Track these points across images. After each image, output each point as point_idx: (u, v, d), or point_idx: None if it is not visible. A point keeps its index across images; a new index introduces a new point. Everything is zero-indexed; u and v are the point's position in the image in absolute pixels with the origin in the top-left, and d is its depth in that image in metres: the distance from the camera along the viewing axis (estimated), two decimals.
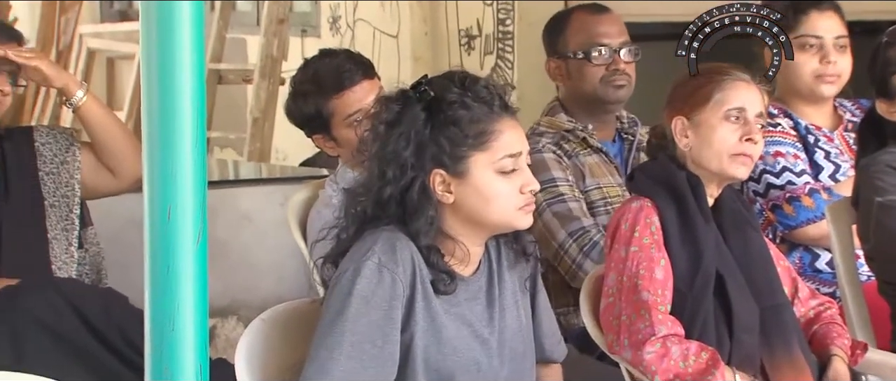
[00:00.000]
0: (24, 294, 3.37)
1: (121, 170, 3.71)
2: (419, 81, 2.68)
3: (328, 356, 2.54)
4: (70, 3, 8.56)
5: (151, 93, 2.02)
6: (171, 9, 2.00)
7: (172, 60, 2.01)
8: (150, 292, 2.04)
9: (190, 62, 2.02)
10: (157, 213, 2.02)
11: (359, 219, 2.66)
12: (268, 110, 7.35)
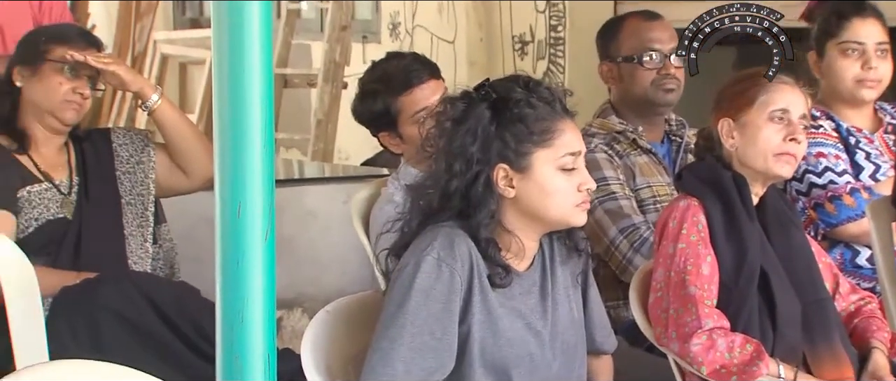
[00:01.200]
0: (102, 287, 3.40)
1: (193, 169, 3.73)
2: (482, 84, 2.69)
3: (390, 346, 2.54)
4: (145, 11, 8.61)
5: (223, 96, 2.03)
6: (242, 16, 2.00)
7: (242, 66, 2.01)
8: (221, 286, 2.05)
9: (259, 67, 2.03)
10: (227, 210, 2.03)
11: (423, 212, 2.67)
12: (331, 112, 7.37)
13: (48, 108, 3.61)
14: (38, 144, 3.64)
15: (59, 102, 3.59)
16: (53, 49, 3.61)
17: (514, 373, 2.62)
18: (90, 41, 3.70)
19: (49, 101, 3.60)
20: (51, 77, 3.60)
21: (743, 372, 2.89)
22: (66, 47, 3.60)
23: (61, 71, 3.59)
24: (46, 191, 3.59)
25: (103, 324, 3.34)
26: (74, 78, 3.60)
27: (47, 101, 3.60)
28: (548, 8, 7.07)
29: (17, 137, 3.62)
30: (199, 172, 3.71)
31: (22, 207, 3.55)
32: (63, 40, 3.63)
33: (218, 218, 2.03)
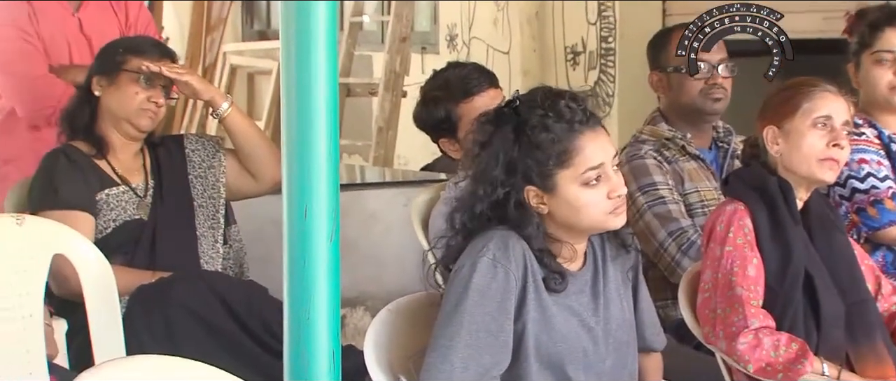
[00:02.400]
0: (176, 286, 3.41)
1: (261, 174, 3.74)
2: (511, 100, 2.67)
3: (448, 344, 2.54)
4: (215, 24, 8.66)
5: (290, 105, 2.04)
6: (308, 29, 2.01)
7: (309, 76, 2.02)
8: (288, 285, 2.05)
9: (324, 77, 2.03)
10: (294, 212, 2.04)
11: (461, 231, 2.66)
12: (391, 120, 7.39)
13: (125, 115, 3.63)
14: (115, 150, 3.66)
15: (135, 110, 3.62)
16: (129, 60, 3.63)
17: (569, 369, 2.62)
18: (164, 52, 3.72)
19: (125, 109, 3.62)
20: (127, 87, 3.62)
21: (788, 370, 2.87)
22: (142, 58, 3.62)
23: (137, 81, 3.61)
24: (123, 194, 3.62)
25: (177, 321, 3.36)
26: (149, 87, 3.62)
27: (124, 109, 3.63)
28: (599, 20, 7.05)
29: (95, 142, 3.65)
30: (267, 175, 3.73)
31: (100, 209, 3.58)
32: (138, 52, 3.65)
33: (285, 220, 2.04)
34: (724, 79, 3.74)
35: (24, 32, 4.26)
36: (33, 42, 4.26)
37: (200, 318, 3.38)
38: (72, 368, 3.26)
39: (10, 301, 3.04)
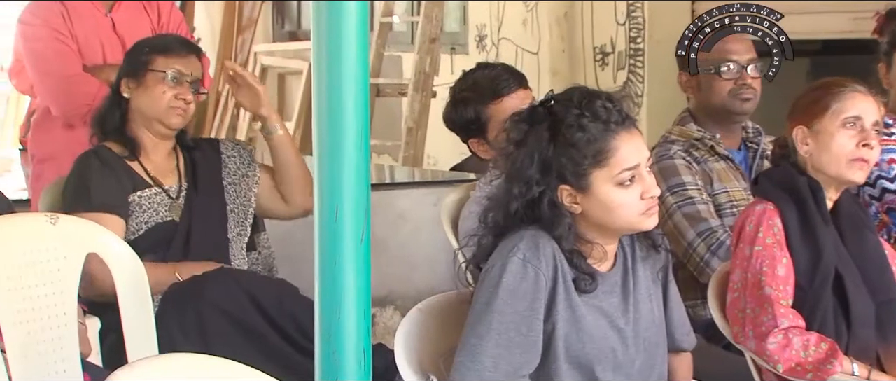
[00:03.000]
0: (208, 285, 3.42)
1: (293, 199, 3.76)
2: (546, 99, 2.66)
3: (478, 342, 2.54)
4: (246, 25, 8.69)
5: (321, 105, 2.04)
6: (339, 30, 2.01)
7: (340, 76, 2.02)
8: (319, 284, 2.05)
9: (355, 78, 2.03)
10: (325, 212, 2.04)
11: (492, 230, 2.66)
12: (421, 120, 7.40)
13: (154, 115, 3.64)
14: (147, 151, 3.67)
15: (165, 109, 3.63)
16: (155, 59, 3.64)
17: (598, 369, 2.61)
18: (191, 49, 3.73)
19: (155, 108, 3.63)
20: (155, 87, 3.63)
21: (818, 370, 2.86)
22: (168, 58, 3.63)
23: (163, 80, 3.62)
24: (156, 195, 3.63)
25: (209, 320, 3.37)
26: (177, 85, 3.63)
27: (153, 109, 3.64)
28: (628, 20, 7.04)
29: (128, 144, 3.66)
30: (299, 202, 3.75)
31: (133, 210, 3.59)
32: (164, 51, 3.66)
33: (317, 220, 2.05)
34: (753, 79, 3.73)
35: (58, 32, 4.28)
36: (67, 42, 4.28)
37: (232, 317, 3.39)
38: (105, 366, 3.27)
39: (44, 300, 3.05)
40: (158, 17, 4.43)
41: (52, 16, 4.30)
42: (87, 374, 3.10)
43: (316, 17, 2.03)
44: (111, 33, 4.34)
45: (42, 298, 3.05)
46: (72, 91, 4.24)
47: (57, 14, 4.30)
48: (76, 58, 4.28)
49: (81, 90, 4.21)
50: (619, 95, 2.70)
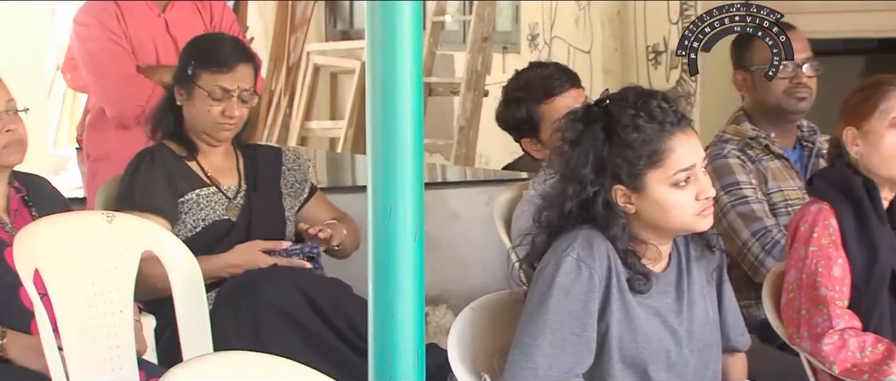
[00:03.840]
0: (262, 283, 3.44)
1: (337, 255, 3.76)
2: (601, 98, 2.65)
3: (531, 342, 2.54)
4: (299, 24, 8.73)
5: (375, 105, 2.04)
6: (394, 30, 2.01)
7: (394, 76, 2.02)
8: (373, 283, 2.06)
9: (409, 77, 2.04)
10: (379, 211, 2.04)
11: (546, 229, 2.65)
12: (473, 119, 7.40)
13: (202, 128, 3.65)
14: (205, 152, 3.69)
15: (212, 124, 3.63)
16: (201, 76, 3.62)
17: (652, 369, 2.60)
18: (239, 58, 3.68)
19: (202, 123, 3.64)
20: (201, 103, 3.62)
21: (874, 371, 2.83)
22: (214, 74, 3.60)
23: (207, 98, 3.60)
24: (213, 195, 3.64)
25: (263, 318, 3.38)
26: (223, 100, 3.60)
27: (201, 123, 3.64)
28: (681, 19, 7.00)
29: (186, 145, 3.67)
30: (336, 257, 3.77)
31: (190, 208, 3.61)
32: (210, 66, 3.62)
33: (370, 219, 2.05)
34: (808, 78, 3.70)
35: (112, 33, 4.30)
36: (121, 43, 4.30)
37: (286, 315, 3.40)
38: (160, 363, 3.29)
39: (100, 298, 3.08)
40: (211, 18, 4.45)
41: (106, 16, 4.32)
42: (143, 371, 3.12)
43: (370, 17, 2.03)
44: (164, 34, 4.36)
45: (98, 295, 3.07)
46: (125, 92, 4.26)
47: (111, 14, 4.32)
48: (130, 59, 4.30)
49: (135, 91, 4.23)
50: (674, 94, 2.68)
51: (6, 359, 3.13)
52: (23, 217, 3.30)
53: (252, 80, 3.68)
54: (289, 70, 8.67)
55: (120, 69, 4.27)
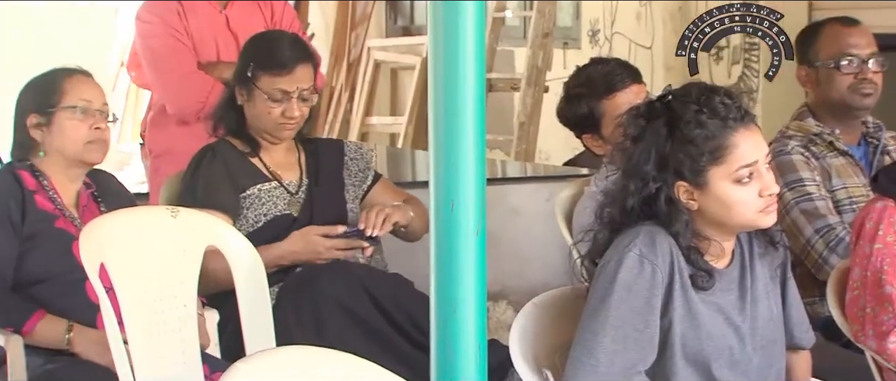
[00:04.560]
0: (324, 277, 3.45)
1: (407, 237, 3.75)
2: (663, 94, 2.64)
3: (593, 338, 2.53)
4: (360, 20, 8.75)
5: (438, 101, 2.04)
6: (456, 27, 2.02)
7: (456, 73, 2.03)
8: (435, 279, 2.06)
9: (472, 72, 2.04)
10: (441, 207, 2.04)
11: (608, 225, 2.65)
12: (533, 115, 7.39)
13: (263, 128, 3.67)
14: (267, 148, 3.71)
15: (272, 125, 3.65)
16: (260, 78, 3.63)
17: (715, 366, 2.59)
18: (298, 57, 3.67)
19: (263, 123, 3.66)
20: (261, 105, 3.63)
21: None
22: (272, 76, 3.61)
23: (266, 100, 3.62)
24: (275, 189, 3.66)
25: (325, 312, 3.39)
26: (283, 102, 3.62)
27: (262, 123, 3.66)
28: None
29: (247, 141, 3.69)
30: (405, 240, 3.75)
31: (252, 203, 3.63)
32: (268, 68, 3.63)
33: (432, 214, 2.05)
34: (874, 73, 3.67)
35: (173, 30, 4.33)
36: (183, 39, 4.33)
37: (348, 310, 3.41)
38: (223, 357, 3.32)
39: (165, 292, 3.10)
40: (271, 14, 4.46)
41: (168, 13, 4.35)
42: (206, 365, 3.15)
43: (433, 15, 2.04)
44: (225, 30, 4.38)
45: (163, 290, 3.10)
46: (186, 89, 4.29)
47: (173, 12, 4.35)
48: (191, 55, 4.33)
49: (195, 88, 4.26)
50: (736, 90, 2.67)
51: (72, 353, 3.18)
52: (91, 212, 3.35)
53: (311, 79, 3.69)
54: (349, 66, 8.69)
55: (180, 66, 4.30)
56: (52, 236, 3.27)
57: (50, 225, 3.28)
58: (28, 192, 3.30)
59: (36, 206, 3.29)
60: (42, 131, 3.34)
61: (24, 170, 3.34)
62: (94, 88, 3.40)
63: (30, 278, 3.24)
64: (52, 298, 3.22)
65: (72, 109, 3.32)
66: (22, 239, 3.24)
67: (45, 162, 3.35)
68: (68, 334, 3.18)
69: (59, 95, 3.34)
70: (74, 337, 3.17)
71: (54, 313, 3.20)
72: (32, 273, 3.24)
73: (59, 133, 3.33)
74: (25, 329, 3.16)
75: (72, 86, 3.36)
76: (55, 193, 3.33)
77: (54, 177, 3.35)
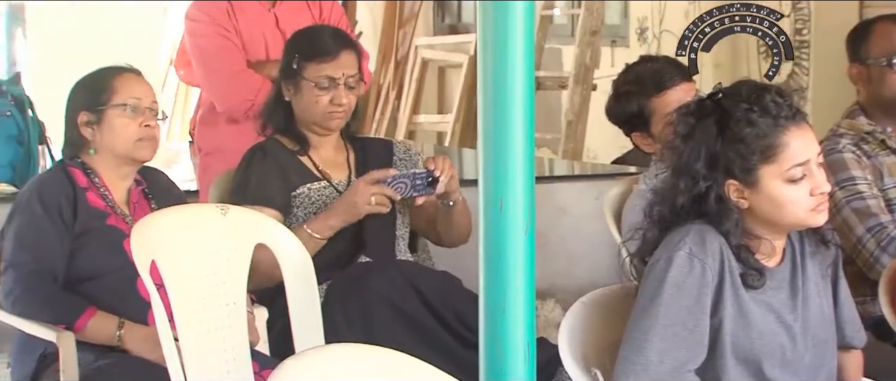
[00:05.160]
0: (373, 275, 3.45)
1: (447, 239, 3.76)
2: (713, 92, 2.63)
3: (642, 337, 2.52)
4: (407, 18, 8.76)
5: (487, 100, 2.05)
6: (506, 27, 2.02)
7: (505, 72, 2.03)
8: (484, 277, 2.06)
9: (521, 71, 2.04)
10: (490, 205, 2.04)
11: (658, 224, 2.64)
12: (581, 113, 7.37)
13: (313, 120, 3.68)
14: (316, 146, 3.72)
15: (321, 114, 3.66)
16: (305, 67, 3.65)
17: (766, 365, 2.58)
18: (341, 45, 3.70)
19: (312, 114, 3.67)
20: (308, 94, 3.66)
21: None
22: (318, 64, 3.64)
23: (314, 88, 3.64)
24: (324, 189, 3.67)
25: (374, 310, 3.39)
26: (330, 89, 3.64)
27: (311, 115, 3.67)
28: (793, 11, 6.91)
29: (296, 139, 3.71)
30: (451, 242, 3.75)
31: (302, 202, 3.64)
32: (313, 57, 3.66)
33: (481, 213, 2.05)
34: None
35: (223, 29, 4.35)
36: (232, 38, 4.35)
37: (396, 307, 3.41)
38: (271, 355, 3.33)
39: (215, 289, 3.11)
40: (320, 13, 4.48)
41: (217, 12, 4.37)
42: (256, 362, 3.16)
43: (483, 14, 2.04)
44: (274, 29, 4.40)
45: (213, 287, 3.11)
46: (235, 87, 4.31)
47: (222, 11, 4.37)
48: (240, 54, 4.35)
49: (244, 86, 4.28)
50: (787, 88, 2.66)
51: (123, 349, 3.20)
52: (142, 209, 3.38)
53: (356, 66, 3.71)
54: (397, 64, 8.71)
55: (229, 64, 4.32)
56: (104, 233, 3.30)
57: (101, 222, 3.31)
58: (79, 189, 3.33)
59: (87, 203, 3.32)
60: (92, 129, 3.37)
61: (75, 167, 3.38)
62: (143, 86, 3.43)
63: (81, 274, 3.27)
64: (103, 295, 3.25)
65: (122, 106, 3.35)
66: (73, 236, 3.28)
67: (95, 160, 3.38)
68: (120, 330, 3.20)
69: (109, 94, 3.37)
70: (126, 334, 3.20)
71: (105, 310, 3.22)
72: (84, 270, 3.27)
73: (109, 131, 3.36)
74: (77, 326, 3.18)
75: (122, 84, 3.39)
76: (106, 190, 3.36)
77: (105, 174, 3.38)
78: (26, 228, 3.27)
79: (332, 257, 3.56)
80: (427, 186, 3.53)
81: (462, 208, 3.68)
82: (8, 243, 3.29)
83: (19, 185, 4.30)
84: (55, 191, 3.31)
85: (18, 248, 3.26)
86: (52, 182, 3.34)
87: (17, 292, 3.23)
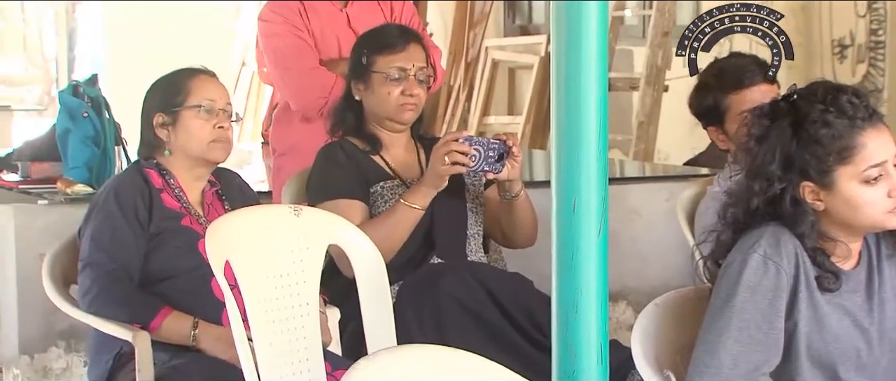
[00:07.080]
0: (445, 276, 3.46)
1: (512, 239, 3.73)
2: (788, 93, 2.61)
3: (717, 339, 2.51)
4: (478, 19, 8.75)
5: (560, 98, 2.04)
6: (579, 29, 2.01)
7: (579, 74, 2.02)
8: (556, 278, 2.05)
9: (595, 71, 2.03)
10: (563, 206, 2.04)
11: (732, 226, 2.62)
12: (652, 114, 7.33)
13: (386, 115, 3.69)
14: (387, 146, 3.73)
15: (394, 108, 3.67)
16: (375, 60, 3.67)
17: (841, 369, 2.55)
18: (408, 38, 3.72)
19: (385, 108, 3.68)
20: (379, 88, 3.67)
21: None
22: (387, 56, 3.65)
23: (387, 80, 3.65)
24: (397, 187, 3.67)
25: (446, 312, 3.39)
26: (402, 82, 3.65)
27: (383, 109, 3.68)
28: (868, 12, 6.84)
29: (368, 140, 3.72)
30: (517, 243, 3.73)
31: (375, 200, 3.65)
32: (381, 49, 3.67)
33: (554, 214, 2.05)
34: None
35: (296, 29, 4.38)
36: (305, 38, 4.38)
37: (467, 309, 3.41)
38: (344, 355, 3.34)
39: (288, 290, 3.13)
40: (391, 12, 4.50)
41: (289, 12, 4.40)
42: (328, 362, 3.17)
43: (556, 15, 2.03)
44: (346, 28, 4.42)
45: (286, 287, 3.12)
46: (308, 85, 4.34)
47: (295, 11, 4.40)
48: (313, 53, 4.38)
49: (317, 84, 4.30)
50: (863, 89, 2.63)
51: (198, 349, 3.23)
52: (216, 210, 3.41)
53: (425, 59, 3.72)
54: (467, 65, 8.71)
55: (303, 63, 4.35)
56: (178, 233, 3.33)
57: (176, 223, 3.35)
58: (155, 190, 3.37)
59: (162, 204, 3.36)
60: (167, 131, 3.40)
61: (150, 168, 3.41)
62: (217, 87, 3.46)
63: (156, 275, 3.31)
64: (177, 295, 3.28)
65: (196, 108, 3.38)
66: (149, 237, 3.31)
67: (170, 161, 3.42)
68: (194, 330, 3.23)
69: (184, 95, 3.40)
70: (200, 334, 3.22)
71: (180, 310, 3.25)
72: (159, 270, 3.31)
73: (183, 132, 3.39)
74: (153, 326, 3.21)
75: (196, 85, 3.42)
76: (181, 191, 3.40)
77: (180, 175, 3.41)
78: (103, 228, 3.31)
79: (403, 258, 3.57)
80: (497, 161, 3.51)
81: (525, 205, 3.66)
82: (85, 243, 3.33)
83: (96, 185, 4.35)
84: (131, 192, 3.34)
85: (95, 248, 3.30)
86: (128, 183, 3.38)
87: (94, 291, 3.27)
